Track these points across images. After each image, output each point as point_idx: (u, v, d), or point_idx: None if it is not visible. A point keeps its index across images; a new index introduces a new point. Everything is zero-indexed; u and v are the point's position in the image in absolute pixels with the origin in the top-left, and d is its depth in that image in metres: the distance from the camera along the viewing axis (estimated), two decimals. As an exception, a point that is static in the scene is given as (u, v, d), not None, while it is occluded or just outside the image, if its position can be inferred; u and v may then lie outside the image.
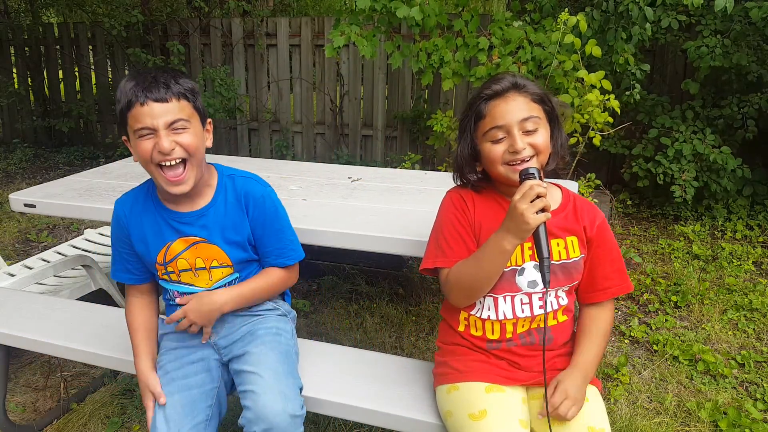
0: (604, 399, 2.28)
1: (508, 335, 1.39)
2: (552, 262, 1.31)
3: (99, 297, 2.64)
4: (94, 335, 1.83)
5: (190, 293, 1.49)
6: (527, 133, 1.30)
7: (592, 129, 3.23)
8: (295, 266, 1.58)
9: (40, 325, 1.89)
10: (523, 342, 1.40)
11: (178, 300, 1.49)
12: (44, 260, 2.91)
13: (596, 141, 3.29)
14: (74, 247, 3.13)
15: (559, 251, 1.38)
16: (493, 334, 1.40)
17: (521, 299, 1.38)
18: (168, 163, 1.34)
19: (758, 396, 2.30)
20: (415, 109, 5.37)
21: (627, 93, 3.53)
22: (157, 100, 1.30)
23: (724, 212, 4.25)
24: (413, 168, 4.63)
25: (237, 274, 1.52)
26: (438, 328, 1.58)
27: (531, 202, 1.19)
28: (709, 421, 2.14)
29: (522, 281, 1.37)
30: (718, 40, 3.57)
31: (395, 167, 4.61)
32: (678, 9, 3.54)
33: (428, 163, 5.32)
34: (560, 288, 1.40)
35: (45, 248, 3.85)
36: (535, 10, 3.62)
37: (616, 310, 3.01)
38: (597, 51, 3.11)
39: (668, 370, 2.48)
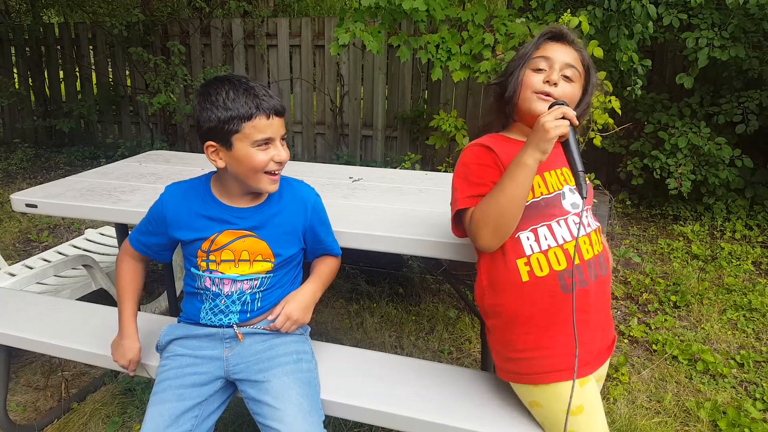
0: (603, 399, 2.29)
1: (576, 261, 1.34)
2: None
3: (99, 297, 2.65)
4: (94, 335, 1.83)
5: (221, 279, 1.53)
6: (565, 78, 1.39)
7: (593, 130, 3.24)
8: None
9: (41, 325, 1.90)
10: (591, 277, 1.35)
11: (271, 318, 1.55)
12: (45, 260, 2.91)
13: (597, 142, 3.29)
14: (75, 246, 3.13)
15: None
16: (558, 264, 1.33)
17: (573, 220, 1.38)
18: (276, 171, 1.47)
19: (757, 396, 2.31)
20: (415, 109, 5.38)
21: (628, 89, 3.53)
22: (277, 114, 1.43)
23: (723, 212, 4.25)
24: (413, 168, 4.64)
25: (272, 273, 1.57)
26: (488, 332, 1.48)
27: (555, 119, 1.25)
28: (708, 421, 2.15)
29: (566, 204, 1.39)
30: (715, 33, 3.57)
31: (395, 167, 4.62)
32: (678, 8, 3.55)
33: (428, 163, 5.32)
34: (589, 208, 1.45)
35: (46, 248, 3.86)
36: (538, 7, 3.63)
37: (615, 310, 3.02)
38: (599, 52, 3.12)
39: (667, 370, 2.48)
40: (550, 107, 1.31)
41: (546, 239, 1.35)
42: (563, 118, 1.26)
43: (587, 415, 1.34)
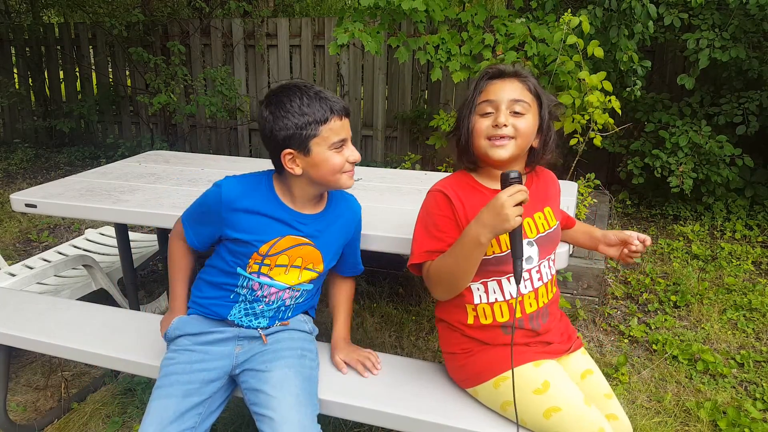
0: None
1: (518, 315, 1.44)
2: (539, 234, 1.45)
3: (100, 297, 2.65)
4: (94, 335, 1.83)
5: (269, 286, 1.55)
6: (514, 114, 1.37)
7: (593, 130, 3.24)
8: None
9: (41, 325, 1.90)
10: (532, 327, 1.45)
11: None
12: (45, 260, 2.91)
13: (597, 141, 3.29)
14: (75, 246, 3.14)
15: (542, 223, 1.47)
16: (502, 316, 1.44)
17: (524, 276, 1.43)
18: (346, 171, 1.49)
19: (757, 395, 2.31)
20: (415, 109, 5.37)
21: (627, 89, 3.53)
22: (347, 115, 1.47)
23: (723, 212, 4.25)
24: (413, 168, 4.64)
25: (312, 284, 1.62)
26: (438, 334, 1.60)
27: (514, 205, 1.23)
28: (708, 421, 2.15)
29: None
30: (716, 34, 3.57)
31: (395, 167, 4.62)
32: (678, 8, 3.55)
33: (428, 163, 5.32)
34: (549, 257, 1.49)
35: (46, 248, 3.86)
36: (538, 7, 3.63)
37: (615, 310, 3.02)
38: (599, 52, 3.12)
39: (667, 370, 2.48)
40: (504, 182, 1.26)
41: (494, 293, 1.44)
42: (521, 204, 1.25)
43: (556, 387, 1.37)
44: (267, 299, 1.56)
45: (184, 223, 1.60)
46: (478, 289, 1.44)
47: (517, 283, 1.31)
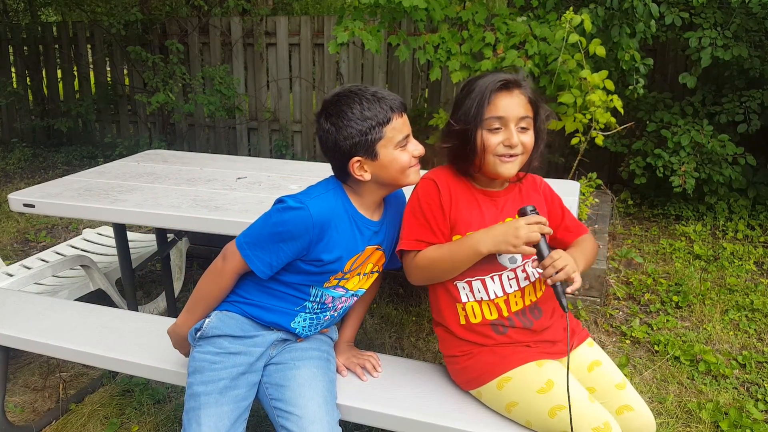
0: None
1: (505, 314, 1.45)
2: None
3: (98, 297, 2.64)
4: (92, 336, 1.82)
5: (341, 296, 1.53)
6: (521, 130, 1.40)
7: (594, 129, 3.23)
8: None
9: (39, 325, 1.88)
10: (524, 325, 1.46)
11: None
12: (43, 260, 2.90)
13: (599, 141, 3.28)
14: (73, 247, 3.12)
15: None
16: (491, 314, 1.45)
17: (507, 276, 1.46)
18: (413, 166, 1.47)
19: (759, 396, 2.29)
20: (415, 107, 5.36)
21: (630, 88, 3.52)
22: (405, 110, 1.44)
23: (725, 212, 4.24)
24: (413, 167, 4.62)
25: (365, 288, 1.60)
26: (438, 338, 1.60)
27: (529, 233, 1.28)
28: (710, 422, 2.14)
29: (503, 259, 1.46)
30: (718, 33, 3.56)
31: (395, 167, 4.60)
32: (680, 6, 3.53)
33: (428, 163, 5.29)
34: (534, 257, 1.46)
35: (43, 248, 3.84)
36: (539, 6, 3.61)
37: (617, 310, 3.01)
38: (601, 51, 3.10)
39: (669, 371, 2.47)
40: (520, 213, 1.34)
41: (479, 292, 1.46)
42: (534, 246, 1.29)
43: (559, 386, 1.35)
44: (335, 310, 1.55)
45: (249, 254, 1.41)
46: (464, 288, 1.46)
47: (563, 309, 1.36)
